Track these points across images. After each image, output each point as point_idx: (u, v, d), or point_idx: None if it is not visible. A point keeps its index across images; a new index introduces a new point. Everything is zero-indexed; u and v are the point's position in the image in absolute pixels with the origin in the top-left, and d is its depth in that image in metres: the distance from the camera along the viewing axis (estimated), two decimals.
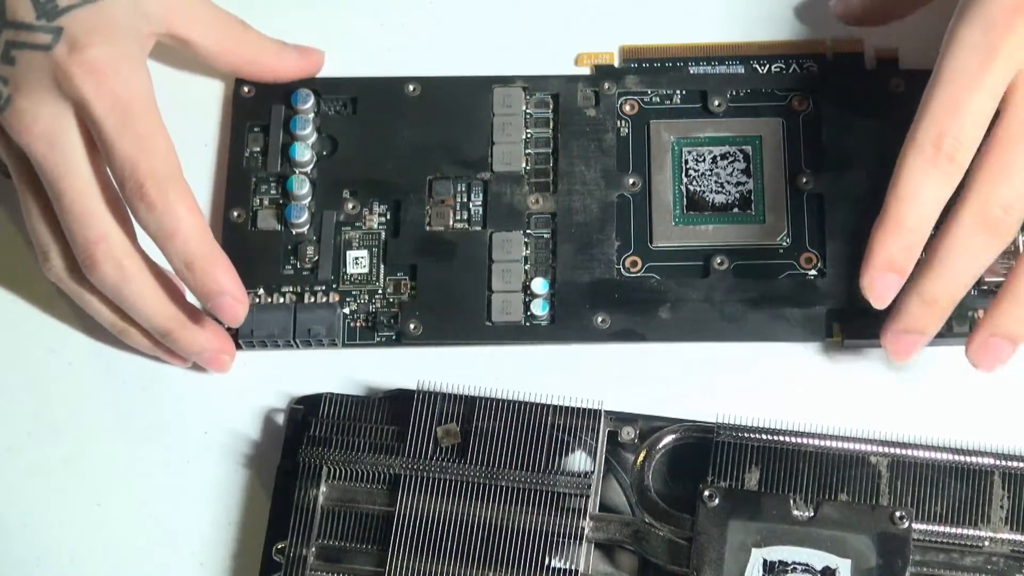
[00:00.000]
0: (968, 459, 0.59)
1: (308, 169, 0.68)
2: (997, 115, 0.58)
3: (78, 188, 0.61)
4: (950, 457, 0.59)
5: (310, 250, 0.67)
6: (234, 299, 0.62)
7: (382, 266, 0.66)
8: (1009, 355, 0.60)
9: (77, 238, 0.61)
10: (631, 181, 0.67)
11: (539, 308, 0.65)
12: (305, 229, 0.67)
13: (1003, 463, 0.59)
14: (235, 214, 0.67)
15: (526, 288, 0.65)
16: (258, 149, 0.68)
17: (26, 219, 0.64)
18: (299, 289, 0.66)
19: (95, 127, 0.61)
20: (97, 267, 0.61)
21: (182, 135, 0.68)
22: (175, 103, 0.69)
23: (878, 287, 0.59)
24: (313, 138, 0.68)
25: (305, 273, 0.66)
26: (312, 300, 0.66)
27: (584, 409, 0.60)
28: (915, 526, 0.57)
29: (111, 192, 0.62)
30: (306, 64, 0.69)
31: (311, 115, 0.68)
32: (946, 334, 0.62)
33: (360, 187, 0.67)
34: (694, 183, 0.67)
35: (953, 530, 0.58)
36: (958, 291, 0.59)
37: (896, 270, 0.58)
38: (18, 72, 0.61)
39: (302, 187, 0.67)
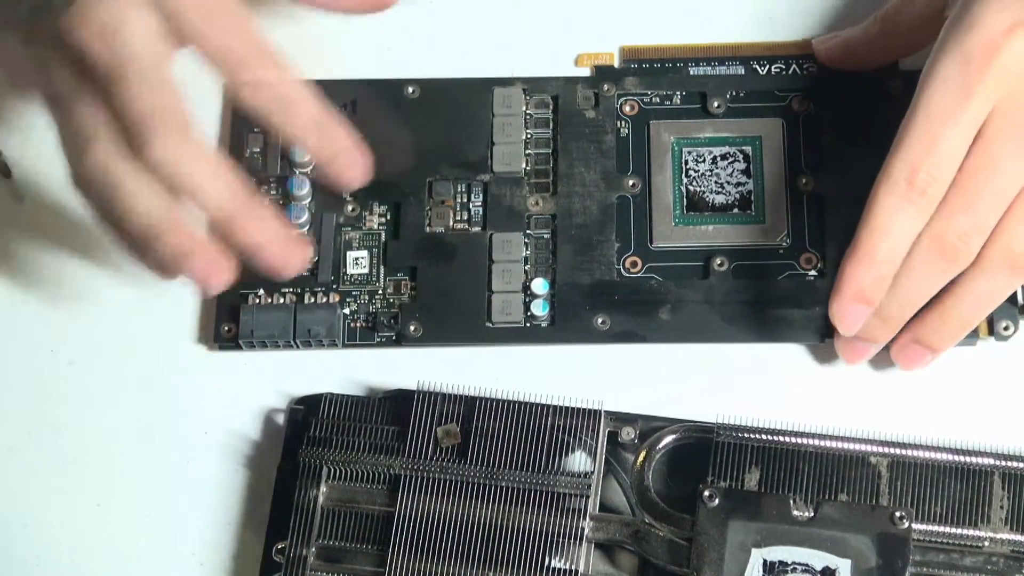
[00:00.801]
0: (968, 459, 0.59)
1: (308, 170, 0.68)
2: None
3: (144, 65, 0.57)
4: (950, 457, 0.59)
5: (310, 251, 0.67)
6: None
7: (382, 267, 0.66)
8: (928, 361, 0.62)
9: (136, 109, 0.57)
10: (631, 182, 0.67)
11: (539, 308, 0.65)
12: (305, 230, 0.67)
13: (1003, 463, 0.59)
14: None
15: (526, 288, 0.65)
16: (258, 150, 0.68)
17: (63, 118, 0.58)
18: (299, 290, 0.66)
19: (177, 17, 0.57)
20: (158, 138, 0.56)
21: None
22: None
23: (848, 317, 0.60)
24: None
25: (305, 274, 0.66)
26: (312, 301, 0.66)
27: (584, 409, 0.60)
28: (915, 526, 0.57)
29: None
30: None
31: None
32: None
33: (360, 189, 0.67)
34: (694, 184, 0.67)
35: (953, 530, 0.58)
36: (910, 310, 0.61)
37: (865, 300, 0.60)
38: None
39: (302, 188, 0.67)
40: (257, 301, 0.66)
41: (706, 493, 0.58)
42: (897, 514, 0.57)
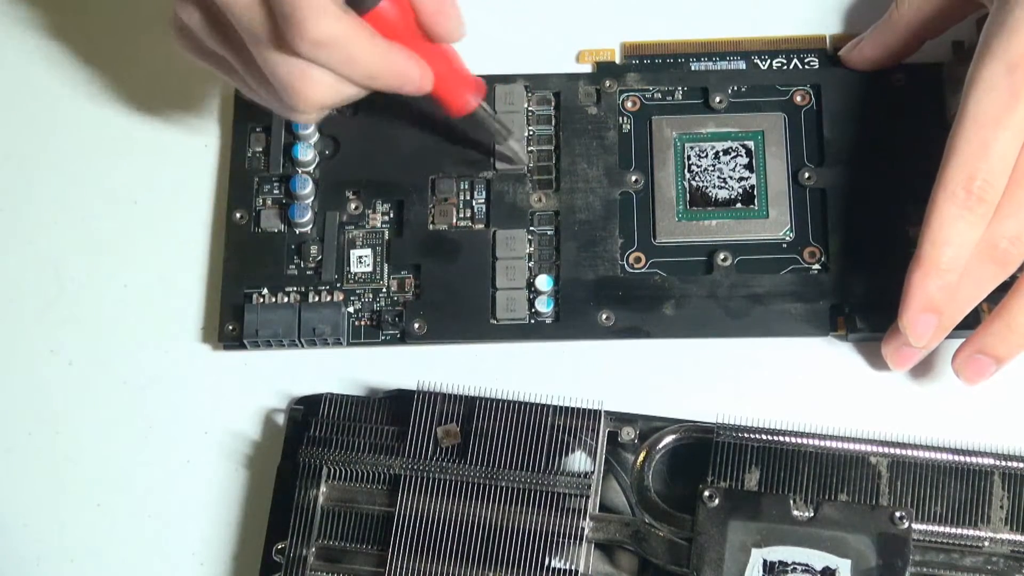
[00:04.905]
0: (968, 459, 0.58)
1: (311, 169, 0.68)
2: None
3: None
4: (950, 457, 0.58)
5: (314, 250, 0.66)
6: None
7: (386, 265, 0.66)
8: (992, 372, 0.61)
9: None
10: (634, 178, 0.66)
11: (543, 305, 0.65)
12: (308, 228, 0.67)
13: (1003, 463, 0.58)
14: (238, 215, 0.67)
15: (530, 285, 0.65)
16: (260, 150, 0.68)
17: None
18: (303, 289, 0.66)
19: None
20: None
21: (182, 136, 0.68)
22: (175, 103, 0.69)
23: (918, 327, 0.60)
24: (315, 138, 0.68)
25: (309, 273, 0.66)
26: (316, 299, 0.66)
27: (584, 409, 0.60)
28: (915, 526, 0.57)
29: None
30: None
31: None
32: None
33: (363, 187, 0.67)
34: (697, 179, 0.66)
35: (953, 530, 0.58)
36: (960, 313, 0.61)
37: (934, 310, 0.59)
38: None
39: (305, 186, 0.67)
40: (261, 300, 0.66)
41: (706, 493, 0.58)
42: (897, 514, 0.57)
